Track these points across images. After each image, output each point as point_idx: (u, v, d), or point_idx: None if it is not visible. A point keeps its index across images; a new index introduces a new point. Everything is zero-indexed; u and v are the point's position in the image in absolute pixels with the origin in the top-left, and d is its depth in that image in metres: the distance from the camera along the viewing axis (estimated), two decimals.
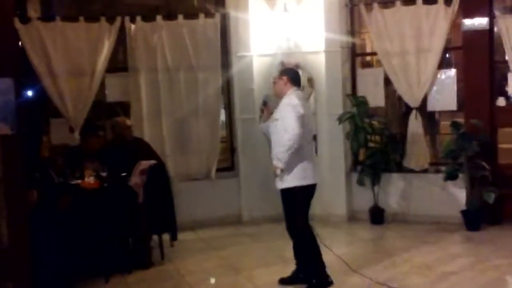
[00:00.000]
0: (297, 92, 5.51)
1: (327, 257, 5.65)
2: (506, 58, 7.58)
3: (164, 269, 6.51)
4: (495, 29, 7.68)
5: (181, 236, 7.19)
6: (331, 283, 5.52)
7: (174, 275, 6.30)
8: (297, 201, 5.42)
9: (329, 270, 5.56)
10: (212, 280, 6.03)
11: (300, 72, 9.29)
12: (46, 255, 5.44)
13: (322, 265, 5.52)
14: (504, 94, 7.92)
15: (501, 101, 7.75)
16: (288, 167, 5.31)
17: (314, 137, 7.95)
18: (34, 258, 4.92)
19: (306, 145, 5.41)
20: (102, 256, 6.14)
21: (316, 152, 7.94)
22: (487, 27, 7.62)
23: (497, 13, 7.64)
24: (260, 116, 5.77)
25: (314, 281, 5.50)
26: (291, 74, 5.60)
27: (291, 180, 5.37)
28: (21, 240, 4.74)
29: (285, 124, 5.26)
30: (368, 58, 9.31)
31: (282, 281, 5.74)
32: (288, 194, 5.42)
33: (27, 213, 4.91)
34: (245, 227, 8.14)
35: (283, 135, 5.26)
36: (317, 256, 5.49)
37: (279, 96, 5.54)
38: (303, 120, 5.28)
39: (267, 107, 5.67)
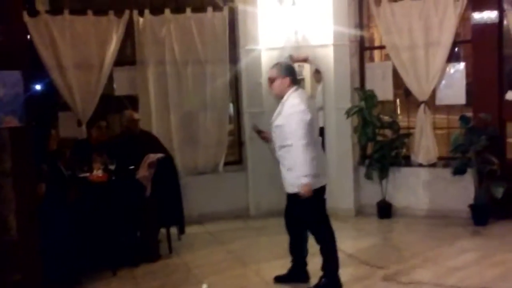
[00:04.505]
0: (299, 91, 5.28)
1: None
2: None
3: (172, 262, 6.54)
4: (505, 22, 7.62)
5: (188, 229, 7.21)
6: (341, 286, 5.38)
7: (181, 268, 6.32)
8: (312, 204, 5.23)
9: None
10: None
11: (308, 66, 9.33)
12: (54, 248, 5.47)
13: (337, 266, 5.38)
14: None
15: (510, 95, 7.67)
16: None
17: (322, 131, 7.94)
18: (42, 250, 4.94)
19: (314, 144, 5.19)
20: (109, 248, 6.17)
21: (324, 147, 7.92)
22: (497, 21, 7.57)
23: (506, 6, 7.57)
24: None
25: (324, 280, 5.36)
26: (292, 74, 5.32)
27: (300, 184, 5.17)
28: (30, 233, 4.77)
29: (291, 129, 5.03)
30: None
31: (278, 279, 5.67)
32: (300, 198, 5.23)
33: (36, 206, 4.93)
34: (253, 221, 8.15)
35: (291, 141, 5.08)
36: (333, 256, 5.37)
37: (279, 97, 5.30)
38: (311, 124, 5.09)
39: (263, 132, 5.57)
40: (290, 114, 5.11)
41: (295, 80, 5.35)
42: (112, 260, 6.16)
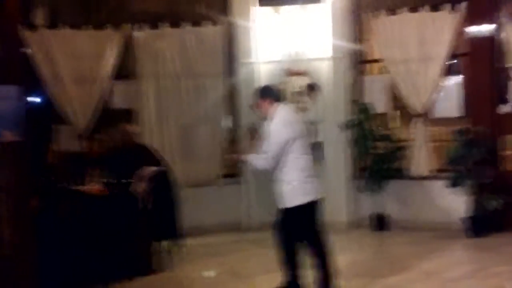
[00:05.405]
0: (284, 108, 5.35)
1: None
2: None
3: (166, 275, 6.51)
4: (500, 35, 7.67)
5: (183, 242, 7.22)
6: None
7: (175, 282, 6.32)
8: (300, 218, 5.29)
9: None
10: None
11: (307, 78, 9.33)
12: (48, 261, 5.47)
13: (331, 280, 5.37)
14: (507, 100, 7.88)
15: (504, 108, 7.73)
16: (288, 184, 5.24)
17: (320, 145, 7.99)
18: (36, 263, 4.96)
19: (302, 158, 5.23)
20: (103, 262, 6.14)
21: (322, 159, 8.01)
22: (493, 34, 7.62)
23: (503, 19, 7.62)
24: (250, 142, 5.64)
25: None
26: (272, 94, 5.40)
27: (292, 199, 5.24)
28: (25, 248, 4.77)
29: (268, 142, 5.19)
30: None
31: None
32: (291, 214, 5.29)
33: (31, 221, 4.94)
34: (249, 234, 8.15)
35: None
36: (327, 269, 5.37)
37: (267, 118, 5.36)
38: (286, 141, 5.14)
39: (255, 136, 5.55)
40: (270, 131, 5.21)
41: (277, 98, 5.38)
42: (105, 274, 6.13)
